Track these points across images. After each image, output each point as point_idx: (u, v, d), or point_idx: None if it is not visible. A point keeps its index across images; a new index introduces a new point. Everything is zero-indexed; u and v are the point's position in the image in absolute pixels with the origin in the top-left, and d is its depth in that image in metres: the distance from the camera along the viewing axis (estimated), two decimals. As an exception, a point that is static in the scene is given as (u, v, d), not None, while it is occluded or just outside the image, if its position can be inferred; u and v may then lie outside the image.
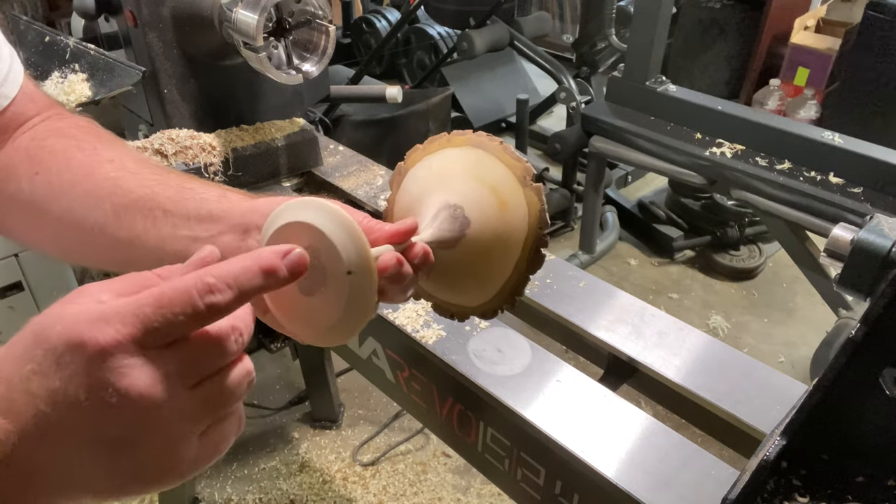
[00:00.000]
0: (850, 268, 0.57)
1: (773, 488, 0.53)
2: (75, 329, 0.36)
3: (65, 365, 0.35)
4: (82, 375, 0.35)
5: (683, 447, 0.76)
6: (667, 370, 0.85)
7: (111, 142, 0.64)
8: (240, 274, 0.39)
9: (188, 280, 0.38)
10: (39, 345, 0.36)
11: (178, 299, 0.37)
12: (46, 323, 0.37)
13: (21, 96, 0.63)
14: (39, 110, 0.65)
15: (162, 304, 0.37)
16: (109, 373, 0.36)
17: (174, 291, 0.37)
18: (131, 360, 0.36)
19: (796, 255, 1.89)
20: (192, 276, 0.38)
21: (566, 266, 1.04)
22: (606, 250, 2.70)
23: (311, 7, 1.05)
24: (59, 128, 0.64)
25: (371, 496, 1.79)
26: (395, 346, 1.03)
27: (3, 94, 0.62)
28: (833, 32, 2.50)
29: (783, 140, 1.75)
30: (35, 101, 0.65)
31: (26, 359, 0.36)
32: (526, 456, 0.88)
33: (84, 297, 0.38)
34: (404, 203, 0.55)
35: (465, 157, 0.53)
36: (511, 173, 0.52)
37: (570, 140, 2.29)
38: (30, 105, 0.64)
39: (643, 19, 1.93)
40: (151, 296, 0.37)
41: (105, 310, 0.37)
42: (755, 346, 2.31)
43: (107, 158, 0.61)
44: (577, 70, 2.90)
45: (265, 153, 1.24)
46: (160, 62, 1.14)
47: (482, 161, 0.53)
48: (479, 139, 0.53)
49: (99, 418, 0.36)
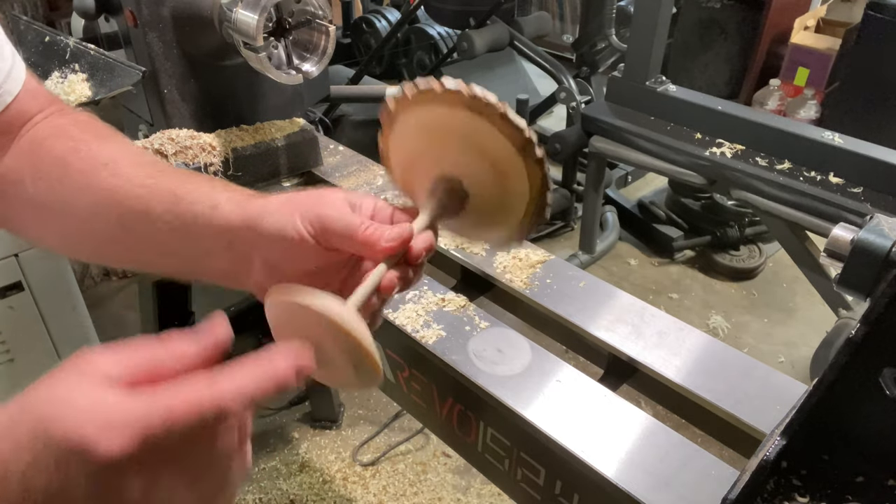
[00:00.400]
0: (850, 268, 0.57)
1: (773, 488, 0.53)
2: (81, 432, 0.35)
3: (65, 467, 0.35)
4: (82, 483, 0.35)
5: (683, 447, 0.76)
6: (667, 370, 0.85)
7: (108, 139, 0.64)
8: (255, 392, 0.39)
9: (202, 396, 0.37)
10: (40, 438, 0.35)
11: (189, 415, 0.36)
12: (51, 413, 0.35)
13: (24, 93, 0.63)
14: (42, 107, 0.65)
15: (172, 419, 0.36)
16: (108, 487, 0.35)
17: (185, 405, 0.37)
18: (129, 479, 0.36)
19: (796, 255, 1.89)
20: (207, 394, 0.37)
21: (566, 266, 1.04)
22: (606, 250, 2.70)
23: (311, 7, 1.05)
24: (58, 127, 0.63)
25: (371, 496, 1.79)
26: (395, 346, 1.03)
27: (7, 90, 0.62)
28: (833, 32, 2.50)
29: (783, 140, 1.75)
30: (37, 98, 0.65)
31: (26, 448, 0.35)
32: (526, 456, 0.88)
33: (92, 376, 0.37)
34: (399, 158, 0.56)
35: (462, 122, 0.51)
36: (511, 144, 0.50)
37: (570, 140, 2.29)
38: (32, 102, 0.64)
39: (643, 19, 1.93)
40: (162, 407, 0.36)
41: (113, 414, 0.36)
42: (755, 346, 2.31)
43: (102, 162, 0.60)
44: (577, 70, 2.90)
45: (265, 153, 1.24)
46: (160, 62, 1.14)
47: (480, 130, 0.51)
48: (476, 104, 0.50)
49: None
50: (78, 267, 2.47)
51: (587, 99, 2.59)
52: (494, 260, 1.04)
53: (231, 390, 0.38)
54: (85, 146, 0.61)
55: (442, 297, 0.98)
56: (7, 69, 0.62)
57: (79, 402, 0.36)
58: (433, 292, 0.99)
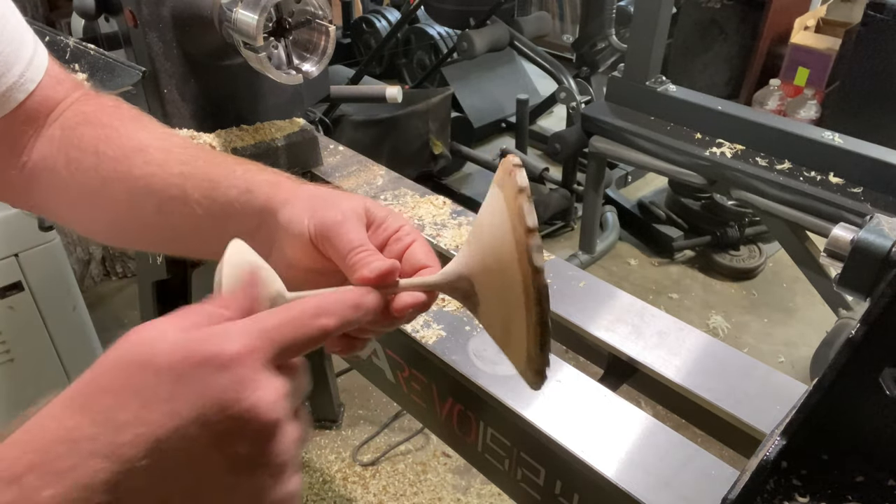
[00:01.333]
0: (850, 268, 0.57)
1: (773, 488, 0.53)
2: (189, 347, 0.34)
3: (191, 382, 0.33)
4: (212, 389, 0.33)
5: (683, 447, 0.76)
6: (667, 370, 0.85)
7: (136, 123, 0.63)
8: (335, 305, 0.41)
9: (293, 306, 0.39)
10: (144, 370, 0.34)
11: (294, 321, 0.38)
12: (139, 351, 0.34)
13: (47, 79, 0.63)
14: (67, 93, 0.64)
15: (282, 323, 0.37)
16: (241, 385, 0.34)
17: (287, 313, 0.38)
18: (262, 374, 0.35)
19: (796, 255, 1.89)
20: (296, 304, 0.40)
21: (566, 266, 1.04)
22: (606, 250, 2.70)
23: (311, 7, 1.05)
24: (86, 114, 0.63)
25: (371, 496, 1.79)
26: (395, 346, 1.03)
27: (29, 78, 0.61)
28: (833, 32, 2.50)
29: (783, 140, 1.75)
30: (62, 84, 0.64)
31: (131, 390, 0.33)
32: (526, 456, 0.88)
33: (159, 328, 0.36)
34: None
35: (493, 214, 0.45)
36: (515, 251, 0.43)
37: (570, 140, 2.29)
38: (57, 88, 0.63)
39: (643, 19, 1.93)
40: (269, 315, 0.38)
41: (217, 329, 0.35)
42: (755, 346, 2.31)
43: (134, 150, 0.60)
44: (577, 70, 2.90)
45: (265, 153, 1.24)
46: (160, 62, 1.14)
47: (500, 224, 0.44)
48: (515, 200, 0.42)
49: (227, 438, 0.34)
50: (78, 267, 2.47)
51: (587, 99, 2.59)
52: (494, 260, 1.04)
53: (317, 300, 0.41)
54: (115, 133, 0.61)
55: (442, 297, 0.98)
56: (28, 56, 0.61)
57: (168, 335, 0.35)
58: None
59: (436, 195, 1.20)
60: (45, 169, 0.62)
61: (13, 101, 0.60)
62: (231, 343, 0.35)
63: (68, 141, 0.62)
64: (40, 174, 0.62)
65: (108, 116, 0.63)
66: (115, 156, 0.60)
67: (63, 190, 0.62)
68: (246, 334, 0.36)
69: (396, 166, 1.35)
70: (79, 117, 0.63)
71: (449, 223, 1.12)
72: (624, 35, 2.64)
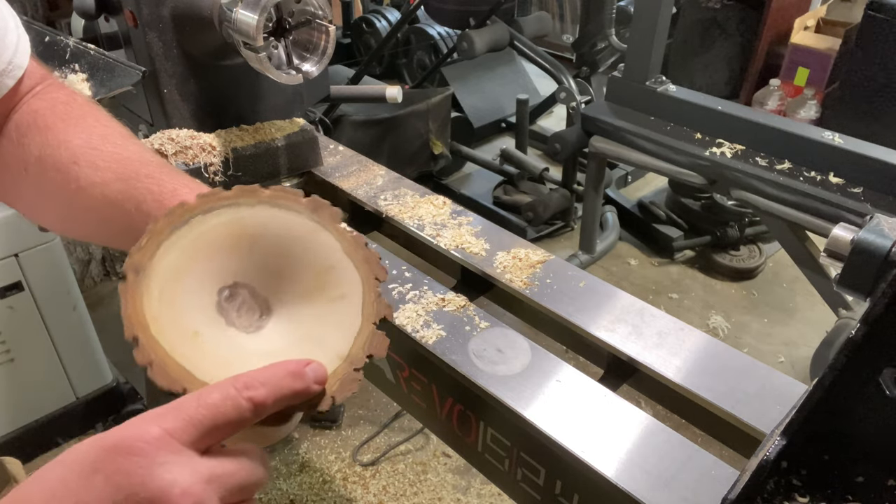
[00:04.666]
0: (850, 268, 0.57)
1: (773, 488, 0.53)
2: (104, 437, 0.34)
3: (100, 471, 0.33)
4: (120, 474, 0.33)
5: (683, 447, 0.76)
6: (667, 370, 0.85)
7: (79, 123, 0.63)
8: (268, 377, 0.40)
9: (223, 383, 0.38)
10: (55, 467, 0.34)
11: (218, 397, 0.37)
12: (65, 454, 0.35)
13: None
14: (35, 83, 0.64)
15: (202, 403, 0.37)
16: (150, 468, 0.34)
17: (209, 393, 0.38)
18: (174, 457, 0.34)
19: (796, 255, 1.89)
20: (226, 381, 0.39)
21: (566, 266, 1.04)
22: (606, 250, 2.70)
23: (311, 7, 1.05)
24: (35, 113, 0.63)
25: (371, 496, 1.79)
26: (395, 346, 1.02)
27: (17, 65, 0.61)
28: (833, 32, 2.50)
29: (783, 140, 1.75)
30: (31, 76, 0.64)
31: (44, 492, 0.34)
32: (526, 456, 0.88)
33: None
34: None
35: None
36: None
37: (570, 140, 2.29)
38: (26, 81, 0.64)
39: (643, 19, 1.93)
40: (192, 396, 0.37)
41: (135, 419, 0.36)
42: (755, 346, 2.31)
43: (71, 160, 0.60)
44: (577, 70, 2.90)
45: (265, 153, 1.24)
46: (160, 62, 1.14)
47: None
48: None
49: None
50: (78, 267, 2.47)
51: (587, 99, 2.59)
52: (494, 260, 1.04)
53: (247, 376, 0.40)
54: (54, 138, 0.61)
55: (442, 297, 0.98)
56: (14, 42, 0.61)
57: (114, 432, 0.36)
58: (433, 292, 0.99)
59: (436, 195, 1.20)
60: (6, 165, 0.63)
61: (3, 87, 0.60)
62: (147, 428, 0.34)
63: (20, 144, 0.62)
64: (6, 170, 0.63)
65: (53, 117, 0.63)
66: (56, 165, 0.61)
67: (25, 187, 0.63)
68: (160, 417, 0.35)
69: (396, 166, 1.35)
70: (28, 117, 0.63)
71: (449, 223, 1.12)
72: (624, 35, 2.64)
